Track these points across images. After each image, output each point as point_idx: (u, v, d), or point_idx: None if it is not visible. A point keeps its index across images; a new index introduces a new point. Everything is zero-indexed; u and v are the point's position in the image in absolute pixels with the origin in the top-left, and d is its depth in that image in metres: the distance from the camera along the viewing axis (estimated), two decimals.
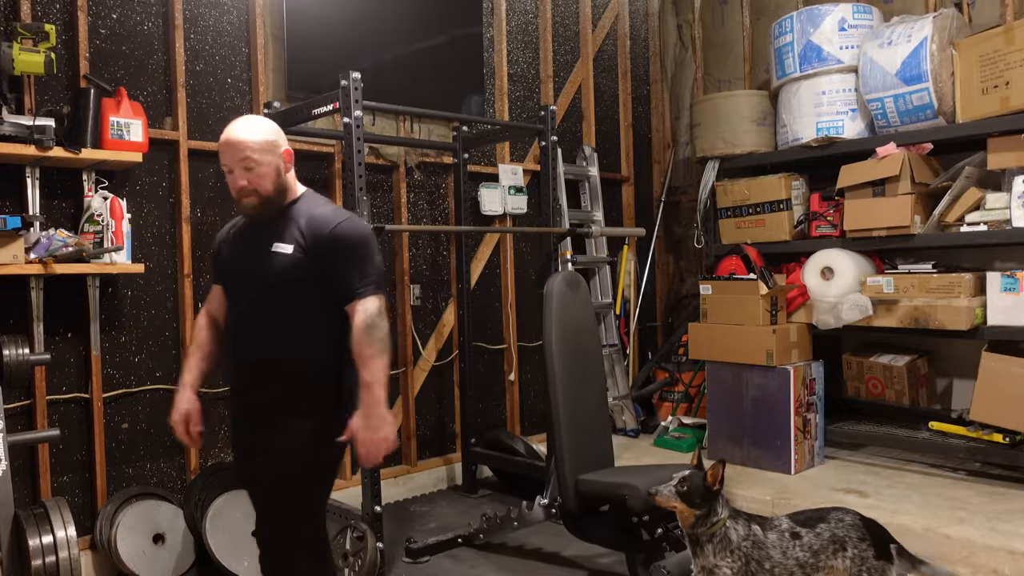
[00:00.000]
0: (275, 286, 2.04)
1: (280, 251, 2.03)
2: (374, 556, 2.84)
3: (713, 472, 2.20)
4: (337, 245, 2.02)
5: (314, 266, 2.02)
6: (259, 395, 2.09)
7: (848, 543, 2.19)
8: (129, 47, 3.17)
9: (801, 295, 3.99)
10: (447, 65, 4.12)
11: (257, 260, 2.06)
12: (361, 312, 1.97)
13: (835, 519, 2.24)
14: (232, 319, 2.14)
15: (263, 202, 2.05)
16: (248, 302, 2.10)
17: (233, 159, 2.04)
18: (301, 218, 2.06)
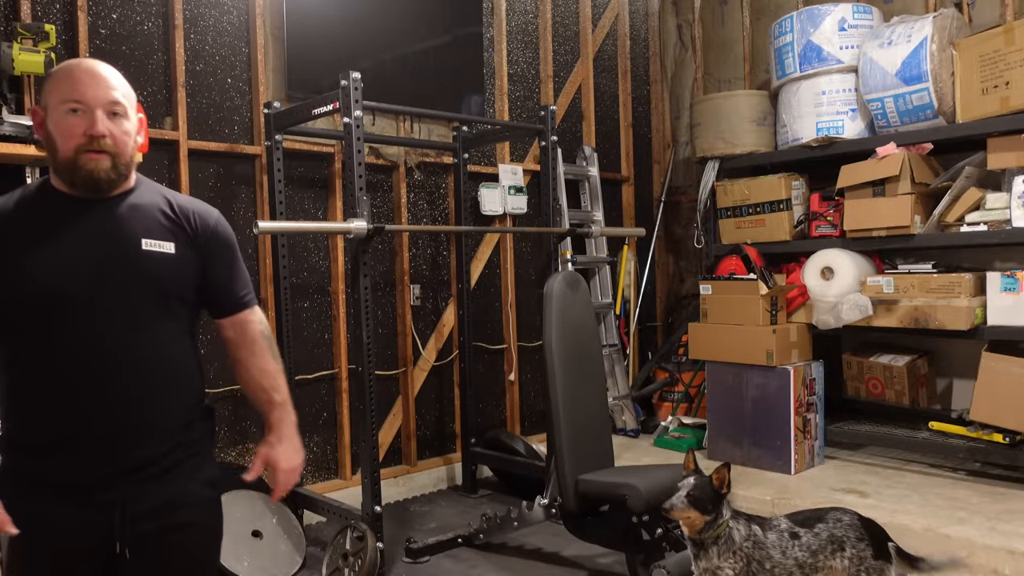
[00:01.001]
0: (162, 301, 1.49)
1: (158, 251, 1.48)
2: (374, 556, 2.84)
3: (719, 476, 2.20)
4: (225, 242, 1.61)
5: (200, 270, 1.56)
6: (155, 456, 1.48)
7: (846, 543, 2.20)
8: (129, 47, 3.17)
9: (801, 295, 3.99)
10: (447, 65, 4.12)
11: (115, 265, 1.45)
12: (258, 322, 1.64)
13: (833, 519, 2.24)
14: (65, 358, 1.42)
15: (114, 170, 1.46)
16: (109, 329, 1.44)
17: (96, 96, 1.45)
18: (162, 205, 1.53)
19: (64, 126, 1.42)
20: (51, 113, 1.44)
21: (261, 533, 3.03)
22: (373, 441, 2.99)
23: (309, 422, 3.68)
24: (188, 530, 1.53)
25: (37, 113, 1.47)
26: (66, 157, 1.42)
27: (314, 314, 3.72)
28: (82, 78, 1.45)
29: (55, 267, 1.41)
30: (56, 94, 1.43)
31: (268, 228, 2.91)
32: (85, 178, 1.43)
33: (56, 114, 1.43)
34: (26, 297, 1.40)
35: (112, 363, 1.43)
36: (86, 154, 1.42)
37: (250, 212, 3.51)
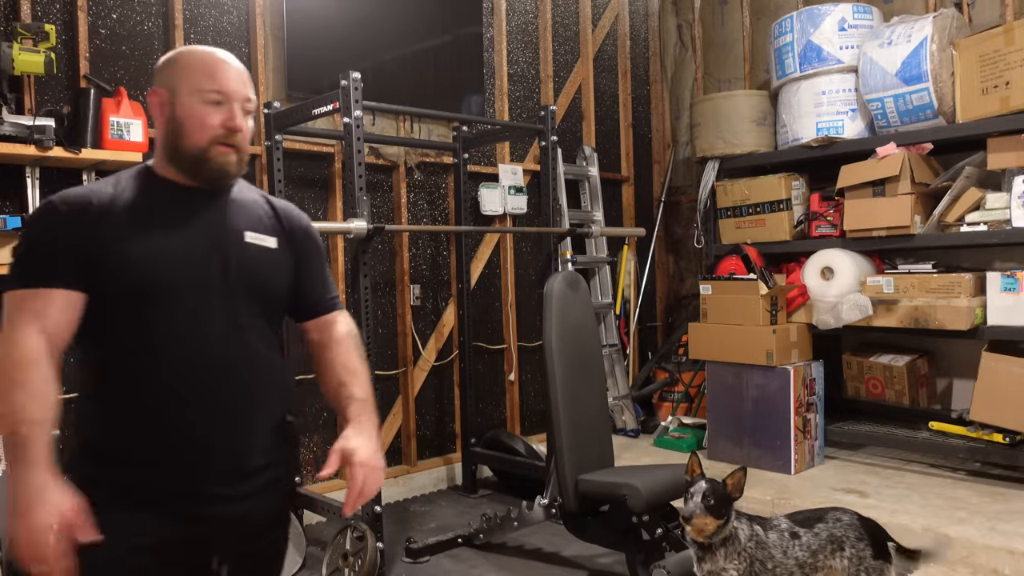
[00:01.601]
0: (262, 298, 1.44)
1: (261, 244, 1.44)
2: (374, 556, 2.84)
3: (735, 480, 2.18)
4: (316, 244, 1.56)
5: (295, 270, 1.51)
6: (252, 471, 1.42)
7: (846, 543, 2.19)
8: (129, 47, 3.17)
9: (801, 295, 3.99)
10: (447, 65, 4.12)
11: (221, 255, 1.39)
12: (345, 323, 1.58)
13: (833, 519, 2.24)
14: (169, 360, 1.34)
15: (238, 165, 1.42)
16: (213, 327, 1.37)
17: (236, 89, 1.38)
18: (261, 202, 1.50)
19: (200, 115, 1.35)
20: (182, 99, 1.35)
21: None
22: None
23: (309, 422, 3.68)
24: (278, 547, 1.51)
25: (159, 95, 1.37)
26: (197, 146, 1.35)
27: None
28: (223, 69, 1.38)
29: (161, 255, 1.32)
30: (191, 81, 1.35)
31: None
32: (213, 170, 1.38)
33: (190, 101, 1.35)
34: (129, 287, 1.31)
35: (217, 367, 1.35)
36: (219, 147, 1.36)
37: None
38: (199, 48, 1.41)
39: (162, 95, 1.37)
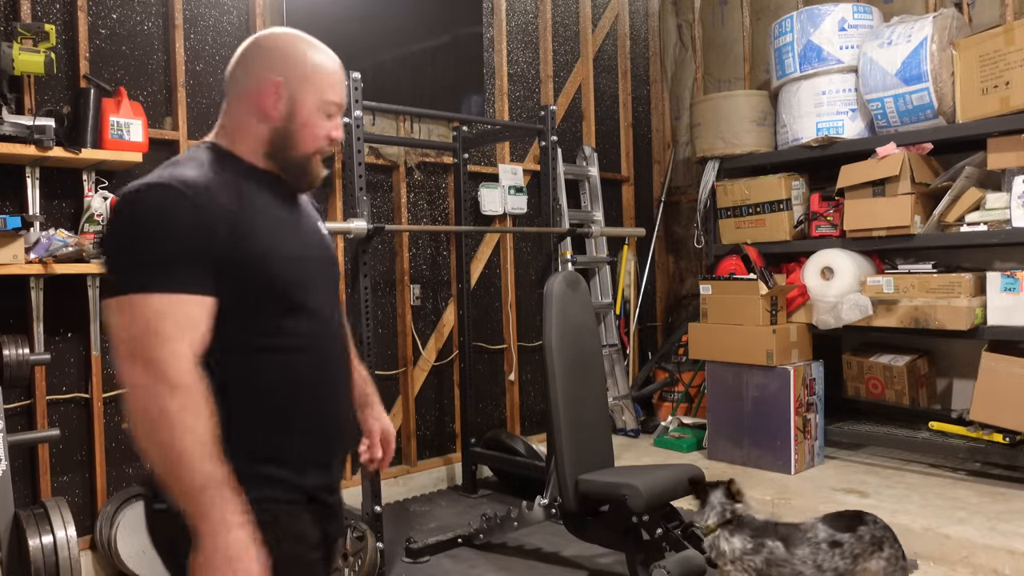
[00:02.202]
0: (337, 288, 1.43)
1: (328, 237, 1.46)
2: (374, 556, 2.84)
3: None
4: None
5: None
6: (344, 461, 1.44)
7: (885, 543, 2.16)
8: (129, 47, 3.17)
9: (801, 295, 3.99)
10: (447, 65, 4.12)
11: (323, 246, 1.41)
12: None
13: (871, 520, 2.20)
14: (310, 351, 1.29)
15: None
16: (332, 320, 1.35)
17: (344, 102, 1.35)
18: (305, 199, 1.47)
19: (316, 126, 1.30)
20: (306, 107, 1.28)
21: None
22: None
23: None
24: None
25: (279, 90, 1.27)
26: (304, 154, 1.31)
27: None
28: (340, 81, 1.33)
29: (289, 251, 1.26)
30: (319, 92, 1.29)
31: None
32: (311, 177, 1.35)
33: (312, 111, 1.29)
34: (267, 286, 1.21)
35: (340, 359, 1.35)
36: (316, 161, 1.33)
37: None
38: (325, 52, 1.33)
39: (282, 92, 1.27)
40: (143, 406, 1.07)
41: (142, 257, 1.11)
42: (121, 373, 1.09)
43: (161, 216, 1.13)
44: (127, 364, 1.08)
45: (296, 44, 1.30)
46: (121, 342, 1.09)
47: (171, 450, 1.06)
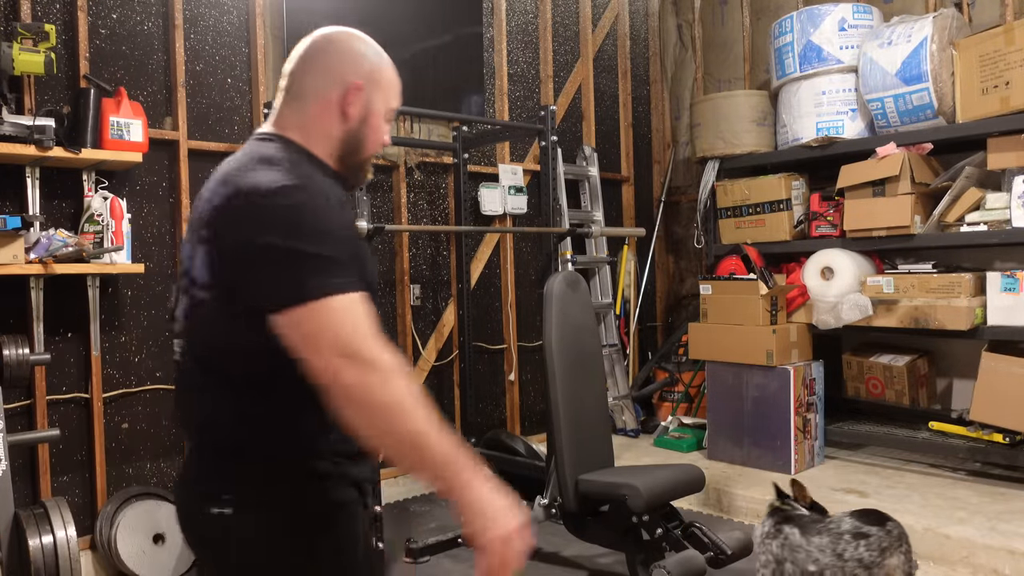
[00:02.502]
0: None
1: None
2: None
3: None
4: None
5: None
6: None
7: (903, 540, 2.15)
8: (129, 47, 3.17)
9: (801, 295, 3.99)
10: (447, 65, 4.12)
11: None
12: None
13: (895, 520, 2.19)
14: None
15: None
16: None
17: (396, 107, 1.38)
18: None
19: (380, 131, 1.33)
20: (376, 115, 1.32)
21: None
22: None
23: None
24: None
25: (360, 89, 1.29)
26: (365, 158, 1.34)
27: None
28: (400, 88, 1.37)
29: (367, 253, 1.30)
30: (386, 100, 1.33)
31: None
32: (363, 179, 1.39)
33: (380, 118, 1.33)
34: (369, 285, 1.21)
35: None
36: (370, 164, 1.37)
37: None
38: (388, 61, 1.36)
39: (363, 100, 1.30)
40: (369, 401, 1.08)
41: (324, 263, 1.11)
42: (333, 373, 1.08)
43: (334, 221, 1.16)
44: (338, 361, 1.08)
45: (368, 49, 1.34)
46: (328, 344, 1.08)
47: (409, 435, 1.09)
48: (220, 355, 1.21)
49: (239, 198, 1.15)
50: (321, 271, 1.11)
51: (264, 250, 1.11)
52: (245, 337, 1.16)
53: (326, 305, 1.09)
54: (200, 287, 1.21)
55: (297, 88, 1.30)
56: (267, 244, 1.11)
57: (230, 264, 1.16)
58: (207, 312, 1.21)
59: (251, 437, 1.20)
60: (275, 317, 1.10)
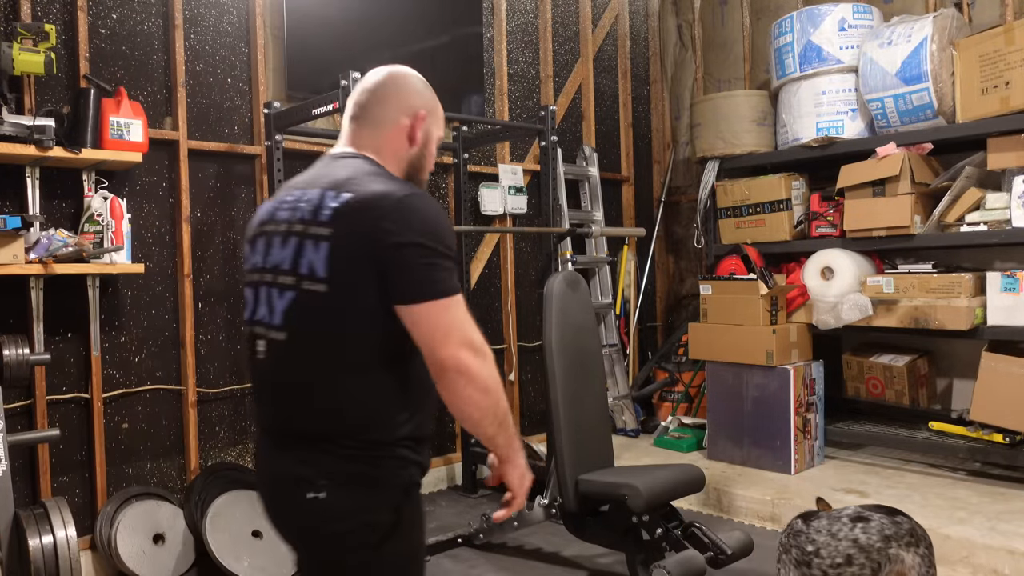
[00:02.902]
0: None
1: None
2: None
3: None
4: None
5: None
6: None
7: (921, 542, 2.12)
8: (129, 47, 3.17)
9: (801, 295, 3.99)
10: (447, 65, 4.12)
11: None
12: None
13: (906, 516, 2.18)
14: None
15: None
16: None
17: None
18: None
19: (434, 153, 1.55)
20: (433, 142, 1.54)
21: (261, 533, 3.03)
22: None
23: None
24: None
25: (424, 119, 1.50)
26: (423, 178, 1.54)
27: None
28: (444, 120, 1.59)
29: None
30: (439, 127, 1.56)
31: None
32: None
33: (436, 140, 1.54)
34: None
35: None
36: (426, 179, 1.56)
37: (250, 212, 3.51)
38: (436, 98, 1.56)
39: (425, 128, 1.51)
40: (483, 383, 1.31)
41: (450, 264, 1.33)
42: (457, 359, 1.29)
43: (449, 229, 1.36)
44: (465, 352, 1.29)
45: (426, 86, 1.55)
46: (456, 334, 1.30)
47: (504, 409, 1.36)
48: (330, 345, 1.34)
49: (369, 203, 1.31)
50: (450, 271, 1.32)
51: (407, 249, 1.28)
52: (358, 328, 1.32)
53: (454, 301, 1.31)
54: (312, 280, 1.33)
55: (371, 116, 1.49)
56: (410, 243, 1.28)
57: (357, 260, 1.30)
58: (321, 304, 1.33)
59: (350, 423, 1.34)
60: (409, 308, 1.29)
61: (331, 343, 1.33)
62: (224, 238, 3.44)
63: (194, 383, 3.28)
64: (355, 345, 1.33)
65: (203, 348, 3.36)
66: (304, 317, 1.35)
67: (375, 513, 1.35)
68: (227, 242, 3.45)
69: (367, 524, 1.35)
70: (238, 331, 3.47)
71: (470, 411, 1.33)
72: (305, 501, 1.33)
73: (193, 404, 3.27)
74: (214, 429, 3.39)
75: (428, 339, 1.30)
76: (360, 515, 1.34)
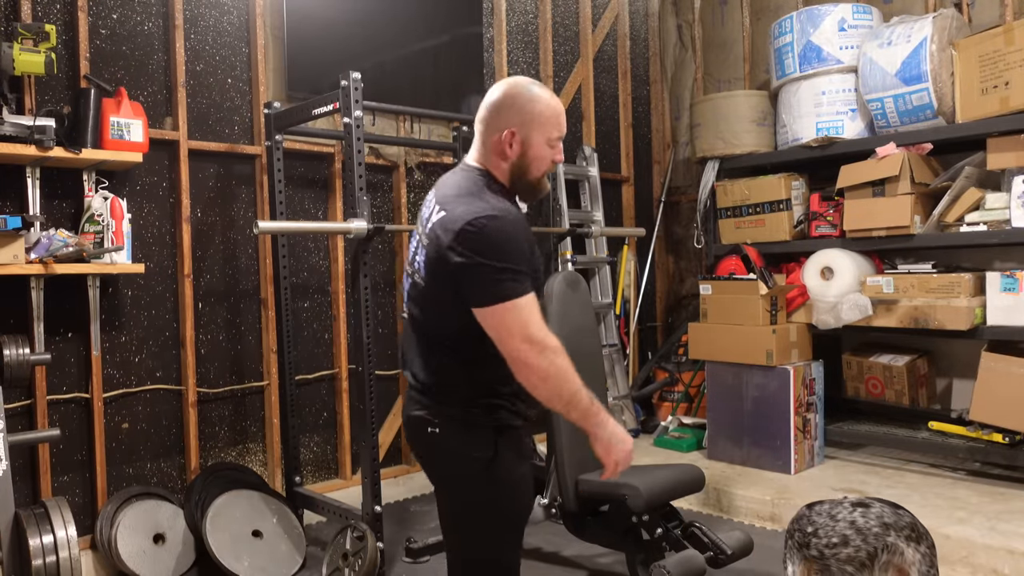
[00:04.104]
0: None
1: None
2: (374, 556, 2.84)
3: None
4: None
5: None
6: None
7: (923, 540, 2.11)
8: (129, 47, 3.17)
9: (801, 295, 3.99)
10: (447, 65, 4.12)
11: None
12: None
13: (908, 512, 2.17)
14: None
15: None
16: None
17: (563, 133, 1.80)
18: None
19: (545, 155, 1.76)
20: (536, 145, 1.74)
21: (261, 533, 3.04)
22: (373, 441, 2.99)
23: (309, 422, 3.69)
24: None
25: (515, 135, 1.73)
26: (536, 177, 1.78)
27: (314, 314, 3.72)
28: (562, 118, 1.78)
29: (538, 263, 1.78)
30: (545, 131, 1.74)
31: (268, 228, 2.91)
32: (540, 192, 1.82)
33: (541, 146, 1.75)
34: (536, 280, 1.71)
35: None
36: (544, 176, 1.80)
37: (250, 212, 3.51)
38: (547, 99, 1.75)
39: (518, 137, 1.73)
40: (543, 373, 1.60)
41: (514, 275, 1.60)
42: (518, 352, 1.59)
43: (514, 242, 1.63)
44: (524, 345, 1.59)
45: (526, 95, 1.74)
46: (516, 332, 1.59)
47: (567, 393, 1.62)
48: (430, 326, 1.76)
49: (447, 226, 1.64)
50: (508, 280, 1.59)
51: (472, 266, 1.60)
52: (449, 316, 1.69)
53: (514, 305, 1.59)
54: (420, 276, 1.74)
55: (480, 134, 1.78)
56: (474, 262, 1.60)
57: (442, 269, 1.65)
58: (422, 295, 1.75)
59: (449, 384, 1.75)
60: (480, 311, 1.61)
61: (427, 325, 1.76)
62: (224, 238, 3.44)
63: (194, 383, 3.28)
64: (447, 329, 1.72)
65: (203, 348, 3.36)
66: (416, 301, 1.78)
67: (473, 447, 1.73)
68: (227, 242, 3.45)
69: (469, 455, 1.74)
70: (238, 331, 3.48)
71: (537, 393, 1.63)
72: (426, 434, 1.77)
73: (193, 404, 3.28)
74: (214, 429, 3.39)
75: (496, 335, 1.61)
76: (463, 448, 1.75)
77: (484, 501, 1.79)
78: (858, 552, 1.89)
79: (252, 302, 3.52)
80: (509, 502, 1.82)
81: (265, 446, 3.55)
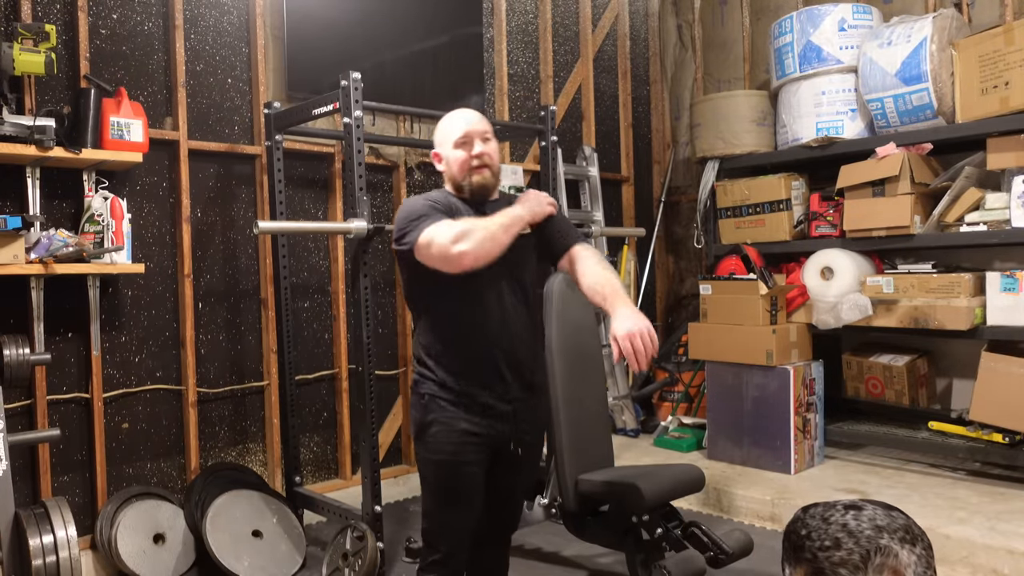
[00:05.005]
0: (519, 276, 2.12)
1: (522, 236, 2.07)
2: (374, 556, 2.84)
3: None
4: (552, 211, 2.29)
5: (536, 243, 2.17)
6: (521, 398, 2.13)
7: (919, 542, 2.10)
8: (129, 47, 3.17)
9: (801, 295, 3.99)
10: (447, 65, 4.12)
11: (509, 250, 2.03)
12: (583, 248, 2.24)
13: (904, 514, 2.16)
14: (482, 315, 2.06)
15: (493, 178, 2.11)
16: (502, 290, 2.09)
17: (475, 130, 2.07)
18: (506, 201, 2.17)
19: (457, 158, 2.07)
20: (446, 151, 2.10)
21: (261, 533, 3.04)
22: (373, 441, 2.99)
23: (309, 422, 3.69)
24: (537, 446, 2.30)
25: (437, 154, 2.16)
26: (461, 175, 2.08)
27: (314, 314, 3.72)
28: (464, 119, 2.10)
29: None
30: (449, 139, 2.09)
31: (268, 228, 2.91)
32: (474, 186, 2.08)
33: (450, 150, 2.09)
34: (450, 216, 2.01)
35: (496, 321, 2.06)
36: (474, 171, 2.06)
37: (250, 212, 3.51)
38: (454, 115, 2.11)
39: (439, 153, 2.12)
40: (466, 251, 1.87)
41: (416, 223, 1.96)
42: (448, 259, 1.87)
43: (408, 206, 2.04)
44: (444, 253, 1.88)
45: (444, 119, 2.13)
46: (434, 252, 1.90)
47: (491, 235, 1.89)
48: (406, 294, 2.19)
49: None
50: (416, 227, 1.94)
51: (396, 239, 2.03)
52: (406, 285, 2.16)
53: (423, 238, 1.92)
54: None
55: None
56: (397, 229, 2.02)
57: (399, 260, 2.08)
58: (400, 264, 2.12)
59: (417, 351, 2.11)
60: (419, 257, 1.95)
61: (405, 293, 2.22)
62: (224, 238, 3.44)
63: (194, 383, 3.28)
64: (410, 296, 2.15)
65: (203, 348, 3.36)
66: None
67: (414, 415, 2.14)
68: (227, 242, 3.45)
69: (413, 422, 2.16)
70: (238, 331, 3.47)
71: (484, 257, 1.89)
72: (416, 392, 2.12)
73: (193, 404, 3.28)
74: (214, 429, 3.39)
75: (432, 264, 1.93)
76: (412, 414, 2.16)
77: (420, 471, 2.20)
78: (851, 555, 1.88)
79: (252, 302, 3.52)
80: (434, 478, 2.13)
81: (265, 446, 3.55)
